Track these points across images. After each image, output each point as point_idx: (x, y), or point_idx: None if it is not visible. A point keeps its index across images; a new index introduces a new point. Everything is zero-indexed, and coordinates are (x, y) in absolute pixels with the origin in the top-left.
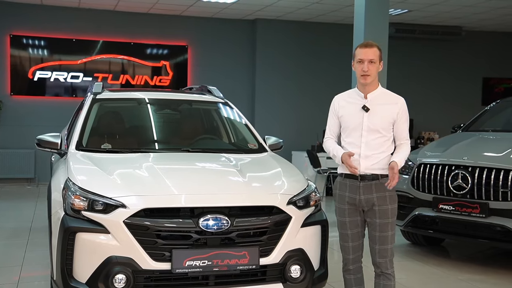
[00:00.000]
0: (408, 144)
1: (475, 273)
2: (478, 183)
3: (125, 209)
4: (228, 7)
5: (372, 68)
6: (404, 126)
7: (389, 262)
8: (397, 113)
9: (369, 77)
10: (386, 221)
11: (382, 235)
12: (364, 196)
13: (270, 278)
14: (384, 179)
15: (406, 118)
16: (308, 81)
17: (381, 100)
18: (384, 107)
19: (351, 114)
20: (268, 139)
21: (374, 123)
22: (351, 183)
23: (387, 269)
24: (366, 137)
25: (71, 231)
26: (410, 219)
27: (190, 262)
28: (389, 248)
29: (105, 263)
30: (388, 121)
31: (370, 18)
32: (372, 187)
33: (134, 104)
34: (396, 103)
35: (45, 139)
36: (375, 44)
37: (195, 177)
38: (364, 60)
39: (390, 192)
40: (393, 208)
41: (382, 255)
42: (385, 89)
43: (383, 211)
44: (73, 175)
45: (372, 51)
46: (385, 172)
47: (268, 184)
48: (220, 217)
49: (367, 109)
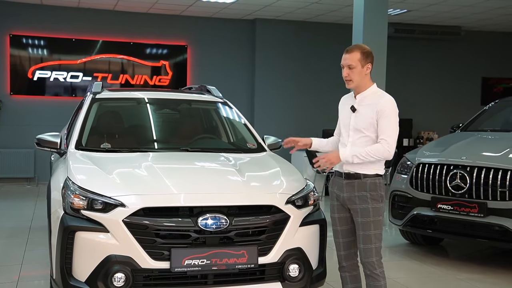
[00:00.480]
0: (382, 144)
1: (474, 272)
2: (476, 182)
3: (124, 208)
4: (228, 7)
5: (352, 73)
6: (382, 125)
7: (376, 262)
8: (377, 111)
9: (351, 82)
10: (368, 219)
11: (364, 233)
12: (346, 194)
13: (268, 277)
14: (366, 178)
15: (387, 116)
16: (307, 81)
17: (369, 100)
18: (368, 107)
19: (344, 114)
20: (267, 139)
21: (357, 123)
22: (338, 180)
23: (375, 269)
24: (352, 136)
25: (70, 230)
26: (409, 218)
27: (189, 261)
28: (373, 247)
29: (105, 262)
30: (368, 120)
31: (369, 18)
32: (354, 185)
33: (134, 103)
34: (378, 102)
35: (45, 138)
36: (358, 47)
37: (194, 177)
38: (344, 66)
39: (371, 192)
40: (375, 207)
41: (367, 255)
42: (377, 89)
43: (364, 209)
44: (72, 174)
45: (350, 56)
46: (369, 172)
47: (266, 183)
48: (219, 216)
49: (354, 109)
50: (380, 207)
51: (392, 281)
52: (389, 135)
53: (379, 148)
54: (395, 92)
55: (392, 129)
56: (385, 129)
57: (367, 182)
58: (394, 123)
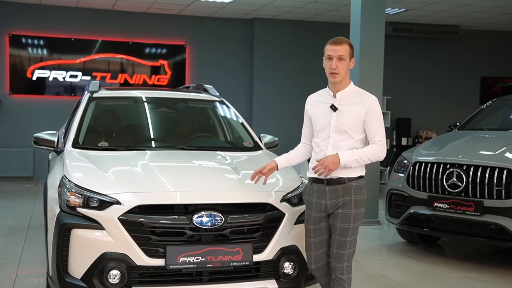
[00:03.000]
0: (379, 145)
1: (470, 271)
2: (473, 181)
3: (119, 205)
4: (226, 7)
5: (341, 65)
6: (374, 125)
7: (345, 267)
8: (366, 112)
9: (338, 75)
10: (347, 226)
11: (340, 239)
12: (330, 201)
13: (263, 275)
14: (351, 182)
15: (377, 116)
16: (306, 80)
17: (351, 99)
18: (352, 106)
19: (320, 114)
20: (263, 137)
21: (342, 123)
22: (318, 188)
23: (342, 275)
24: (334, 138)
25: (66, 228)
26: (406, 217)
27: (184, 258)
28: (346, 253)
29: (100, 259)
30: (356, 121)
31: (366, 17)
32: (338, 191)
33: (131, 102)
34: (365, 101)
35: (42, 137)
36: (346, 40)
37: (190, 175)
38: (333, 57)
39: (357, 196)
40: (357, 213)
41: (338, 260)
42: (357, 88)
43: (346, 215)
44: (69, 172)
45: (341, 47)
46: (353, 175)
47: (261, 181)
48: (214, 214)
49: (335, 109)
50: (361, 213)
51: (389, 280)
52: (382, 135)
53: (377, 150)
54: (393, 91)
55: (383, 129)
56: (377, 130)
57: (352, 186)
58: (382, 123)
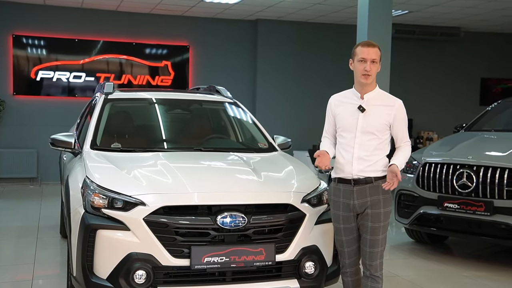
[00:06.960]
0: (408, 146)
1: (480, 270)
2: (483, 182)
3: (144, 207)
4: (230, 8)
5: (373, 68)
6: (402, 128)
7: (379, 264)
8: (394, 115)
9: (370, 77)
10: (378, 225)
11: (372, 238)
12: (358, 201)
13: (285, 274)
14: (378, 181)
15: (404, 120)
16: (309, 81)
17: (378, 101)
18: (380, 108)
19: (346, 114)
20: (276, 139)
21: (369, 124)
22: (345, 188)
23: (376, 272)
24: (360, 138)
25: (91, 228)
26: (415, 217)
27: (209, 258)
28: (379, 251)
29: (126, 260)
30: (383, 123)
31: (373, 18)
32: (366, 191)
33: (146, 104)
34: (393, 105)
35: (59, 138)
36: (377, 44)
37: (211, 176)
38: (367, 60)
39: (384, 195)
40: (386, 211)
41: (372, 258)
42: (382, 91)
43: (375, 214)
44: (91, 174)
45: (374, 50)
46: (379, 174)
47: (282, 182)
48: (237, 214)
49: (363, 110)
50: (389, 211)
51: (400, 279)
52: (408, 138)
53: (409, 150)
54: (394, 92)
55: (407, 131)
56: (403, 133)
57: (380, 185)
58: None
